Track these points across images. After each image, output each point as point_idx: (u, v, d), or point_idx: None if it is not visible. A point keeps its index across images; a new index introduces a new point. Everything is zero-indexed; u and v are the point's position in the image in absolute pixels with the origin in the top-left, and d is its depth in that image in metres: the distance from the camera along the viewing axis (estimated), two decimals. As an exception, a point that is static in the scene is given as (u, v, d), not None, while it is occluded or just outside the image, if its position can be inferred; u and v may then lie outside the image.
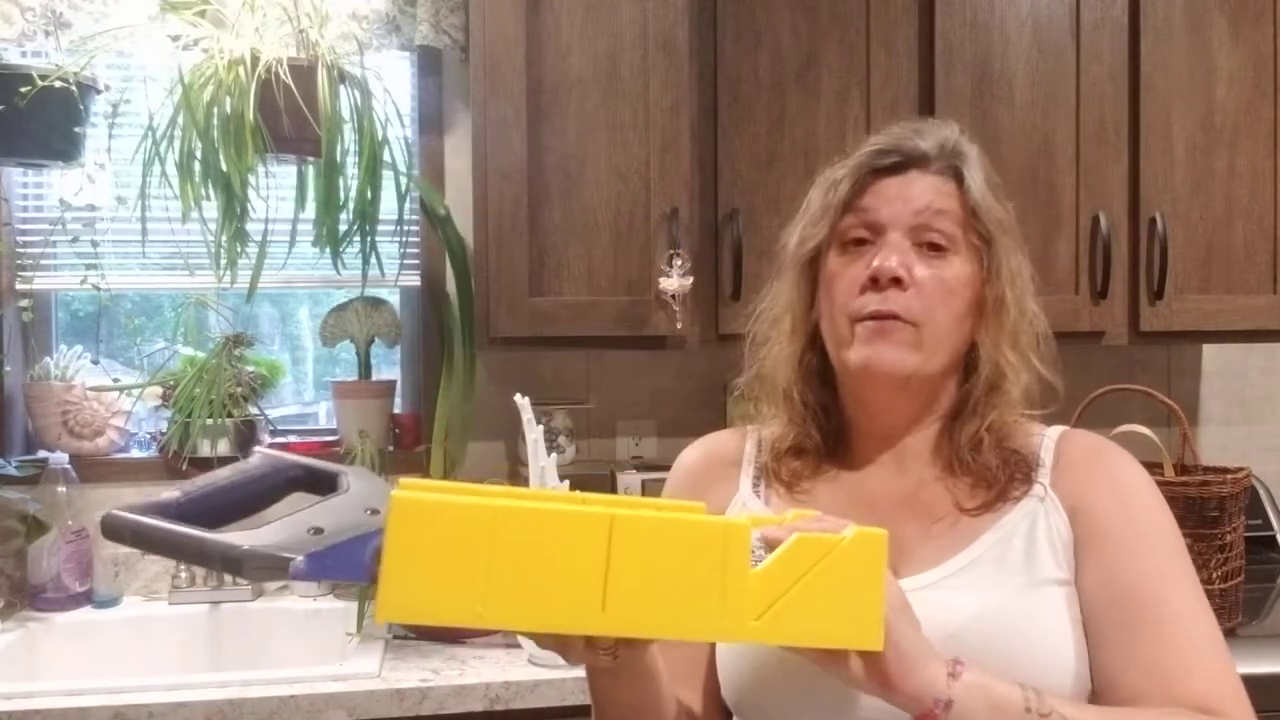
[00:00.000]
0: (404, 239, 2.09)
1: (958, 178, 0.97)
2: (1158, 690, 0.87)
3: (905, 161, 0.97)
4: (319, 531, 0.64)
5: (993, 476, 0.97)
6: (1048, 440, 1.00)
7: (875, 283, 0.94)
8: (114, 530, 0.65)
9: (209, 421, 2.07)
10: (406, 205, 2.04)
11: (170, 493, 0.68)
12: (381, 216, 2.01)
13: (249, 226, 1.92)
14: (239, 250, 1.91)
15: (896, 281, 0.93)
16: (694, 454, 1.12)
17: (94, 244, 2.11)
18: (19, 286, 2.14)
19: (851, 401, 1.03)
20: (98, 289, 2.10)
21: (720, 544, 0.70)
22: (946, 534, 0.96)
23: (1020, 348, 0.98)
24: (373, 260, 2.00)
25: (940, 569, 0.94)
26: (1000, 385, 0.98)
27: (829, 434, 1.04)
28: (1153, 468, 0.94)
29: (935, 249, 0.95)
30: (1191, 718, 0.85)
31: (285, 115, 1.83)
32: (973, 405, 0.98)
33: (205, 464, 2.12)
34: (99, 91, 2.00)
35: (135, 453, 2.20)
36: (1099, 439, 1.01)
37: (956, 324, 0.96)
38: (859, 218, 0.97)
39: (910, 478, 1.00)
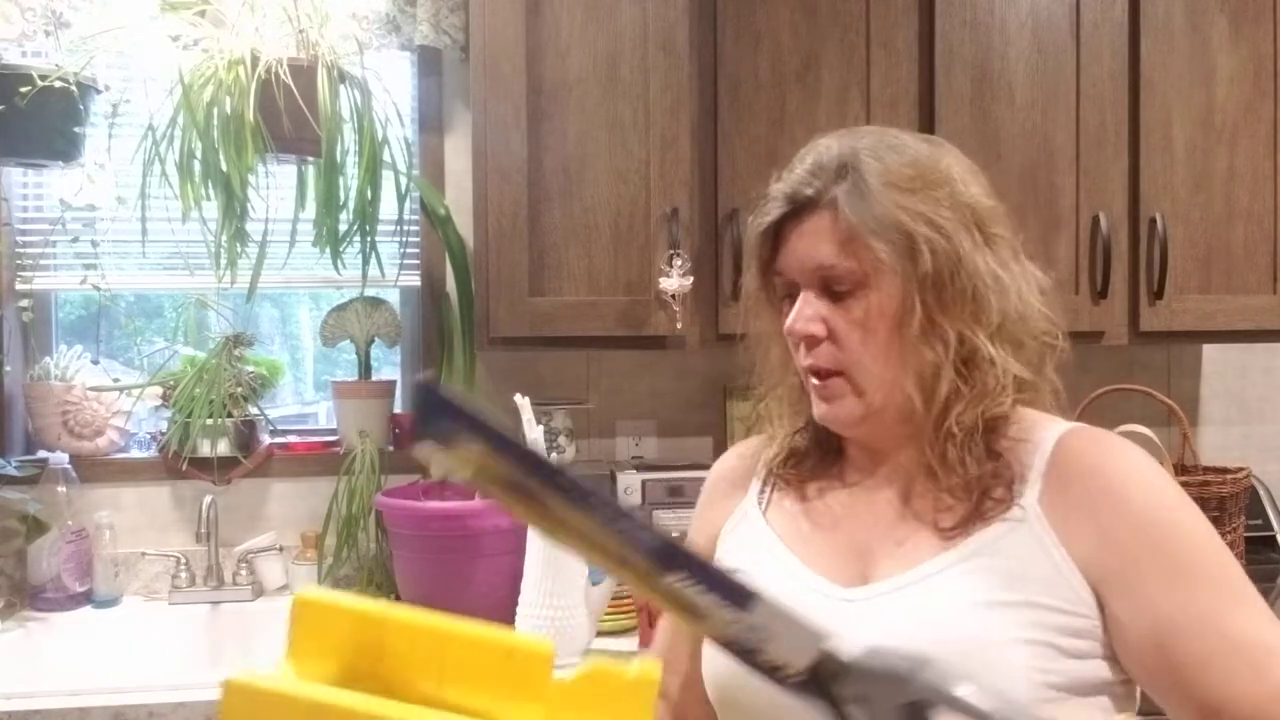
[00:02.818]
0: (404, 239, 2.10)
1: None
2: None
3: (800, 207, 0.96)
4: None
5: (966, 491, 0.93)
6: (1044, 445, 0.94)
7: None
8: None
9: (209, 421, 2.07)
10: (406, 205, 2.04)
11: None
12: (381, 216, 2.01)
13: (249, 226, 1.92)
14: (239, 250, 1.92)
15: (813, 338, 0.95)
16: (724, 464, 1.15)
17: (94, 244, 2.11)
18: (19, 286, 2.14)
19: None
20: (97, 289, 2.10)
21: None
22: (914, 548, 0.94)
23: (965, 341, 0.94)
24: (373, 260, 2.00)
25: (890, 581, 0.92)
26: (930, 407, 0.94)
27: (826, 445, 1.05)
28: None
29: (844, 293, 0.94)
30: None
31: (285, 115, 1.83)
32: (931, 424, 0.95)
33: (205, 464, 2.12)
34: (99, 91, 2.00)
35: (135, 453, 2.20)
36: (1103, 441, 0.94)
37: (890, 353, 0.94)
38: (779, 279, 0.99)
39: (899, 489, 0.99)
